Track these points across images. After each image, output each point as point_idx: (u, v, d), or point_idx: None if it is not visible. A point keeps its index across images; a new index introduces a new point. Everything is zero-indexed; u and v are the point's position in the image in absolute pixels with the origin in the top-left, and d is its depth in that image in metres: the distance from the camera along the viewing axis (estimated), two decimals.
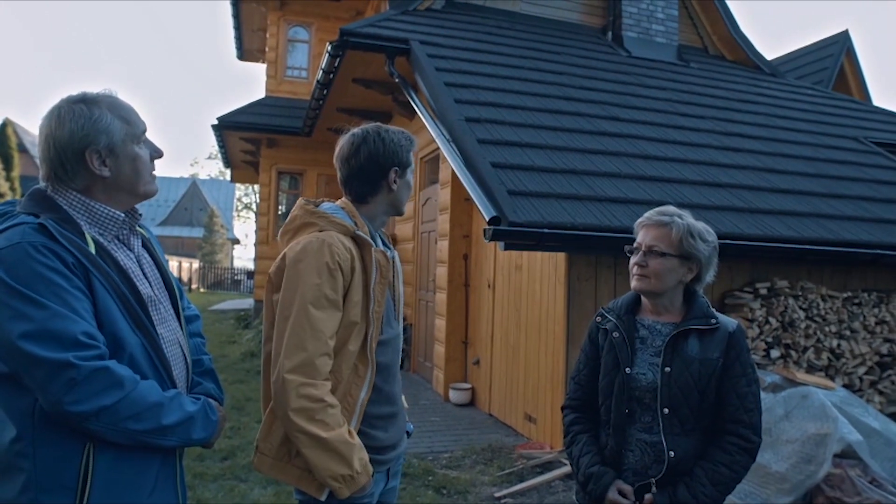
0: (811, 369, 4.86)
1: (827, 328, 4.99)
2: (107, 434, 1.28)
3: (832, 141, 6.92)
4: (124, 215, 1.45)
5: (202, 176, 49.44)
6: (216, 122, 10.71)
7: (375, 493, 1.72)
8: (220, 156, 14.32)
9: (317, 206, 1.74)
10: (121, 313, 1.35)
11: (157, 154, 1.51)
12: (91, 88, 1.42)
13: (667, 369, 1.75)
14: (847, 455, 3.60)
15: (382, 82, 7.05)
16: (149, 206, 42.76)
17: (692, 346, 1.77)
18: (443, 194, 6.75)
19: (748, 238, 4.52)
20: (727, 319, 1.82)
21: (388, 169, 1.76)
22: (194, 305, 1.79)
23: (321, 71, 6.93)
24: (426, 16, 7.21)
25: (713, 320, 1.79)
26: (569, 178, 4.60)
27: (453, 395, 6.32)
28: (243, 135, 11.22)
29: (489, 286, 6.07)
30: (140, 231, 1.55)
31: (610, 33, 8.26)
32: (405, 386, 7.16)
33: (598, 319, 1.95)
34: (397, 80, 6.00)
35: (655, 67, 7.64)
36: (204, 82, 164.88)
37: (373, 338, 1.68)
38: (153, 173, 1.51)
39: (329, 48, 6.25)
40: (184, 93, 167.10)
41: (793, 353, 4.84)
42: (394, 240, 8.41)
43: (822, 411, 3.69)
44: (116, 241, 1.46)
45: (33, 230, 1.28)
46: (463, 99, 5.26)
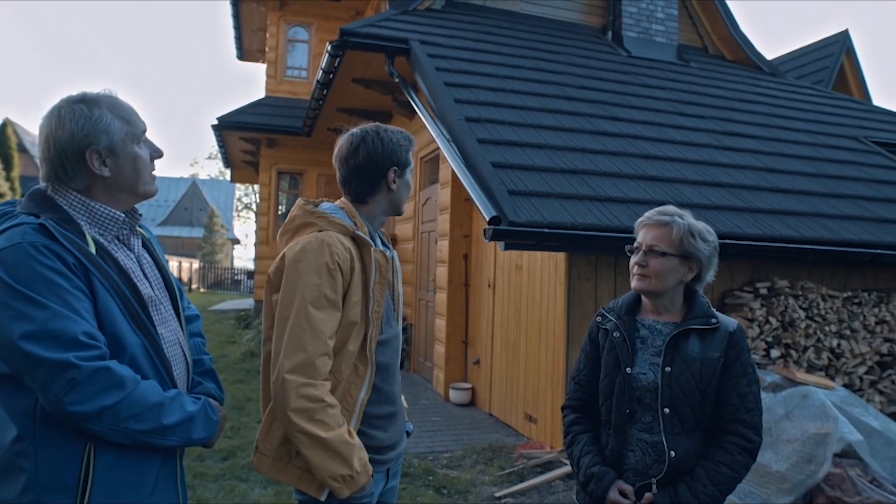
0: (811, 369, 4.86)
1: (827, 328, 4.99)
2: (108, 434, 1.28)
3: (832, 140, 6.91)
4: (124, 215, 1.46)
5: (202, 176, 49.52)
6: (216, 122, 10.71)
7: (375, 493, 1.72)
8: (220, 156, 14.33)
9: (316, 206, 1.74)
10: (121, 313, 1.35)
11: (157, 154, 1.51)
12: (91, 88, 1.42)
13: (667, 369, 1.75)
14: (847, 455, 3.60)
15: (382, 82, 7.05)
16: (149, 206, 42.78)
17: (693, 346, 1.77)
18: (443, 194, 6.75)
19: (748, 238, 4.52)
20: (727, 319, 1.83)
21: (387, 169, 1.76)
22: (194, 305, 1.79)
23: (321, 71, 6.93)
24: (426, 16, 7.21)
25: (713, 320, 1.79)
26: (569, 178, 4.60)
27: (453, 395, 6.32)
28: (243, 135, 11.22)
29: (489, 286, 6.07)
30: (140, 231, 1.55)
31: (610, 33, 8.26)
32: (405, 386, 7.16)
33: (599, 319, 1.95)
34: (397, 80, 6.00)
35: (655, 67, 7.64)
36: (204, 82, 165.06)
37: (372, 338, 1.68)
38: (153, 173, 1.51)
39: (329, 48, 6.25)
40: (184, 93, 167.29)
41: (793, 353, 4.84)
42: (394, 240, 8.41)
43: (823, 411, 3.69)
44: (116, 242, 1.46)
45: (34, 230, 1.28)
46: (463, 99, 5.26)
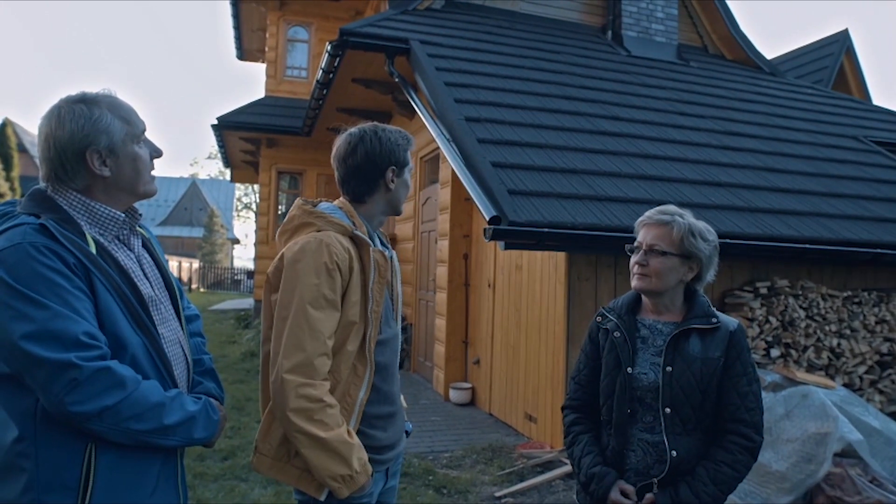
0: (811, 368, 4.86)
1: (827, 327, 4.99)
2: (109, 434, 1.28)
3: (832, 140, 6.91)
4: (124, 215, 1.46)
5: (202, 176, 49.49)
6: (216, 122, 10.72)
7: (374, 493, 1.72)
8: (220, 156, 14.33)
9: (315, 206, 1.73)
10: (122, 313, 1.35)
11: (157, 154, 1.51)
12: (91, 88, 1.43)
13: (668, 369, 1.75)
14: (847, 454, 3.60)
15: (382, 82, 7.05)
16: (149, 206, 42.80)
17: (693, 346, 1.77)
18: (443, 194, 6.75)
19: (748, 237, 4.52)
20: (728, 319, 1.83)
21: (386, 168, 1.75)
22: (194, 305, 1.79)
23: (321, 71, 6.93)
24: (426, 15, 7.21)
25: (714, 319, 1.79)
26: (569, 178, 4.60)
27: (453, 395, 6.33)
28: (243, 135, 11.23)
29: (489, 286, 6.07)
30: (140, 231, 1.55)
31: (610, 32, 8.26)
32: (405, 386, 7.16)
33: (599, 319, 1.94)
34: (397, 80, 6.00)
35: (655, 67, 7.64)
36: (204, 82, 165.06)
37: (371, 338, 1.68)
38: (153, 173, 1.51)
39: (329, 48, 6.25)
40: (184, 93, 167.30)
41: (793, 353, 4.84)
42: (393, 239, 8.41)
43: (823, 410, 3.69)
44: (117, 242, 1.46)
45: (34, 231, 1.28)
46: (463, 98, 5.26)
